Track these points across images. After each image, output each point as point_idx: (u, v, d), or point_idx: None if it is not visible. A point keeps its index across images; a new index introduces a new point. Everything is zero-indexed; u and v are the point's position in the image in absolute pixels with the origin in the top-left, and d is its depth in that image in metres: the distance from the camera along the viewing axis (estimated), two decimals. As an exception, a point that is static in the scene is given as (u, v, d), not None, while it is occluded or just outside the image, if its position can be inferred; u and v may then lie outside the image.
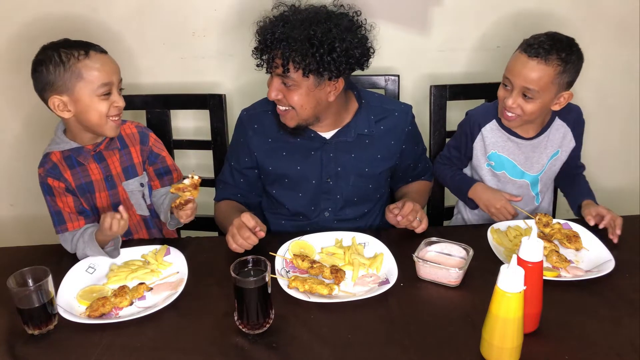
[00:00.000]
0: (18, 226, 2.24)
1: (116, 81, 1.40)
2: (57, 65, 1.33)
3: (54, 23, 1.94)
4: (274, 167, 1.60)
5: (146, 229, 1.61)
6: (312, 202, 1.62)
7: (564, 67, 1.46)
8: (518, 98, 1.51)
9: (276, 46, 1.37)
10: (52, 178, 1.44)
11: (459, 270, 1.26)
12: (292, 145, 1.57)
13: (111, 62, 1.40)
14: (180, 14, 1.96)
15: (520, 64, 1.48)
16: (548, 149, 1.65)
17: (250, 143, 1.60)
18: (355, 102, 1.59)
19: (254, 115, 1.61)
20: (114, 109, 1.40)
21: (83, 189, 1.48)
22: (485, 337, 1.06)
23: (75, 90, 1.35)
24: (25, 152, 2.12)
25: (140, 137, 1.55)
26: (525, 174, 1.67)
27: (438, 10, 1.99)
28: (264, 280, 1.13)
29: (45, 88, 1.36)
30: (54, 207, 1.46)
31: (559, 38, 1.48)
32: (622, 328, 1.15)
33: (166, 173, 1.60)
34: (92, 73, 1.35)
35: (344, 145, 1.57)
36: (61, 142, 1.45)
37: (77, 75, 1.34)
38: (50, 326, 1.18)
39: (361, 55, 1.42)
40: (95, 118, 1.39)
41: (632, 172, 2.26)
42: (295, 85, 1.42)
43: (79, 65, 1.34)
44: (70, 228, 1.45)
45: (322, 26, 1.36)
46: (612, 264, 1.33)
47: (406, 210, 1.47)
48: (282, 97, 1.45)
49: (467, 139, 1.69)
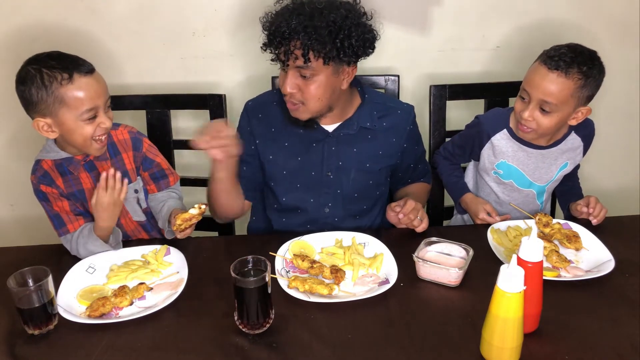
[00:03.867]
0: (18, 226, 2.24)
1: (102, 103, 1.35)
2: (40, 88, 1.29)
3: (53, 23, 1.94)
4: (274, 156, 1.59)
5: (145, 231, 1.61)
6: (311, 195, 1.61)
7: (584, 81, 1.42)
8: (535, 111, 1.47)
9: (294, 36, 1.36)
10: (45, 185, 1.43)
11: (459, 270, 1.26)
12: (295, 136, 1.57)
13: (96, 85, 1.34)
14: (180, 14, 1.96)
15: (540, 76, 1.44)
16: (559, 160, 1.63)
17: (254, 131, 1.60)
18: (358, 97, 1.60)
19: (259, 105, 1.61)
20: (99, 130, 1.37)
21: (75, 196, 1.47)
22: (485, 337, 1.06)
23: (59, 115, 1.32)
24: (25, 153, 2.12)
25: (132, 143, 1.52)
26: (533, 184, 1.66)
27: (438, 10, 1.99)
28: (264, 280, 1.13)
29: (29, 108, 1.33)
30: (52, 211, 1.46)
31: (581, 50, 1.44)
32: (622, 328, 1.15)
33: (162, 177, 1.59)
34: (76, 99, 1.30)
35: (346, 139, 1.57)
36: (51, 151, 1.44)
37: (60, 100, 1.30)
38: (50, 326, 1.18)
39: (373, 39, 1.45)
40: (79, 140, 1.37)
41: (632, 172, 2.26)
42: (315, 76, 1.41)
43: (61, 90, 1.29)
44: (72, 229, 1.45)
45: (338, 13, 1.37)
46: (612, 264, 1.33)
47: (408, 208, 1.47)
48: (297, 91, 1.44)
49: (474, 144, 1.68)
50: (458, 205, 1.74)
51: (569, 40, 1.50)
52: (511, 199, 1.68)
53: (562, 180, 1.72)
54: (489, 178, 1.69)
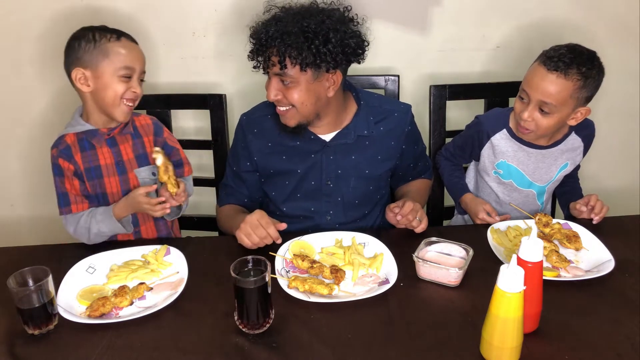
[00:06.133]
0: (18, 226, 2.24)
1: (138, 69, 1.46)
2: (89, 42, 1.42)
3: (53, 23, 1.94)
4: (274, 169, 1.60)
5: (153, 220, 1.61)
6: (312, 204, 1.61)
7: (583, 82, 1.42)
8: (534, 112, 1.47)
9: (271, 44, 1.38)
10: (63, 159, 1.49)
11: (459, 270, 1.26)
12: (292, 148, 1.57)
13: (138, 51, 1.48)
14: (180, 14, 1.97)
15: (539, 77, 1.43)
16: (559, 160, 1.63)
17: (250, 147, 1.60)
18: (354, 104, 1.59)
19: (254, 120, 1.62)
20: (130, 93, 1.45)
21: (91, 172, 1.51)
22: (485, 337, 1.06)
23: (99, 67, 1.42)
24: (25, 153, 2.12)
25: (154, 129, 1.61)
26: (533, 184, 1.66)
27: (438, 10, 1.99)
28: (264, 280, 1.13)
29: (73, 62, 1.44)
30: (62, 188, 1.50)
31: (580, 51, 1.44)
32: (622, 328, 1.15)
33: (178, 166, 1.62)
34: (118, 54, 1.42)
35: (344, 148, 1.57)
36: (77, 125, 1.50)
37: (104, 53, 1.42)
38: (50, 326, 1.18)
39: (357, 46, 1.43)
40: (110, 97, 1.44)
41: (632, 172, 2.26)
42: (294, 82, 1.42)
43: (108, 45, 1.42)
44: (74, 210, 1.50)
45: (315, 18, 1.38)
46: (612, 264, 1.33)
47: (406, 210, 1.47)
48: (282, 97, 1.45)
49: (474, 144, 1.68)
50: (458, 205, 1.74)
51: (569, 40, 1.50)
52: (511, 199, 1.68)
53: (562, 181, 1.71)
54: (489, 178, 1.69)
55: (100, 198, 1.53)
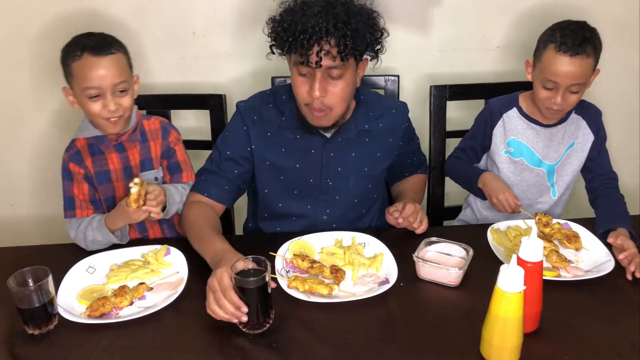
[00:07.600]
0: (18, 226, 2.24)
1: (108, 86, 1.37)
2: (63, 60, 1.41)
3: (53, 23, 1.94)
4: (271, 161, 1.55)
5: (158, 223, 1.61)
6: (308, 202, 1.58)
7: (596, 51, 1.50)
8: (566, 95, 1.51)
9: (329, 35, 1.31)
10: (74, 163, 1.49)
11: (459, 270, 1.26)
12: (292, 142, 1.53)
13: (105, 67, 1.37)
14: (180, 14, 1.96)
15: (565, 64, 1.47)
16: (565, 139, 1.66)
17: (250, 134, 1.54)
18: (353, 100, 1.59)
19: (253, 107, 1.55)
20: (105, 112, 1.40)
21: (101, 177, 1.51)
22: (485, 337, 1.06)
23: (72, 87, 1.42)
24: (26, 153, 2.12)
25: (162, 132, 1.58)
26: (543, 163, 1.68)
27: (438, 10, 1.99)
28: (264, 280, 1.13)
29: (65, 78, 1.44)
30: (69, 192, 1.50)
31: (580, 25, 1.51)
32: (622, 328, 1.15)
33: (177, 170, 1.58)
34: (81, 75, 1.38)
35: (345, 143, 1.55)
36: (86, 130, 1.50)
37: (70, 73, 1.40)
38: (50, 326, 1.18)
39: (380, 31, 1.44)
40: (88, 115, 1.45)
41: (632, 172, 2.26)
42: (343, 75, 1.37)
43: (72, 65, 1.39)
44: (79, 215, 1.50)
45: (362, 10, 1.37)
46: (612, 264, 1.33)
47: (407, 212, 1.47)
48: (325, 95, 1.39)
49: (486, 126, 1.70)
50: (478, 190, 1.68)
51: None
52: (522, 179, 1.68)
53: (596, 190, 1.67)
54: (500, 159, 1.70)
55: (110, 202, 1.53)
